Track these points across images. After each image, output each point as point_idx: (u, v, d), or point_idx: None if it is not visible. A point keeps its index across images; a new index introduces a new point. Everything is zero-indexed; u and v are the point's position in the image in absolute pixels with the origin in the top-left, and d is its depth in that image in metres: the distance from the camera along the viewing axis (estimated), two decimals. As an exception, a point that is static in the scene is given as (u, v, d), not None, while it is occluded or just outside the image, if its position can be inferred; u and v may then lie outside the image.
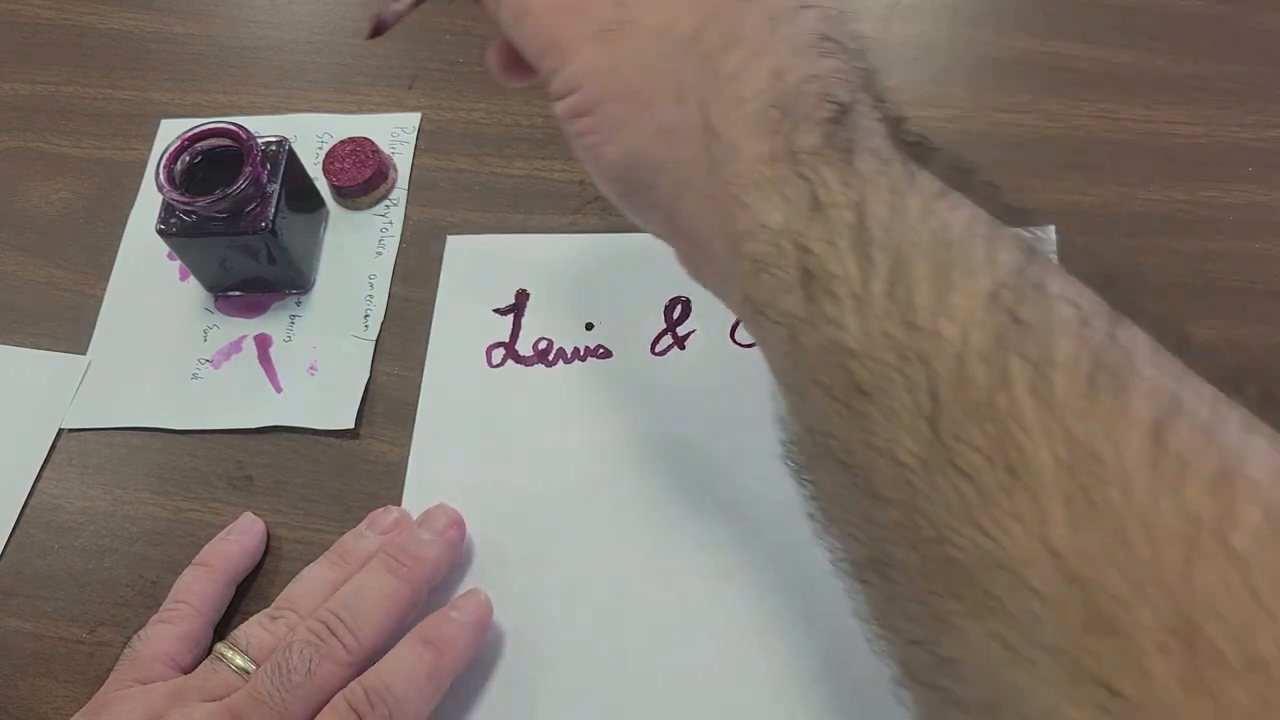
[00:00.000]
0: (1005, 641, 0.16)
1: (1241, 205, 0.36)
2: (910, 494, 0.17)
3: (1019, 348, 0.16)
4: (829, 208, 0.19)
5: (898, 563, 0.18)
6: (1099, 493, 0.15)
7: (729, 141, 0.20)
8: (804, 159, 0.19)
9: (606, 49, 0.22)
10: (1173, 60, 0.39)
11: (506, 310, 0.36)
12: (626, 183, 0.23)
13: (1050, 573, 0.15)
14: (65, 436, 0.36)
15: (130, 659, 0.29)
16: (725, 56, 0.21)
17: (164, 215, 0.35)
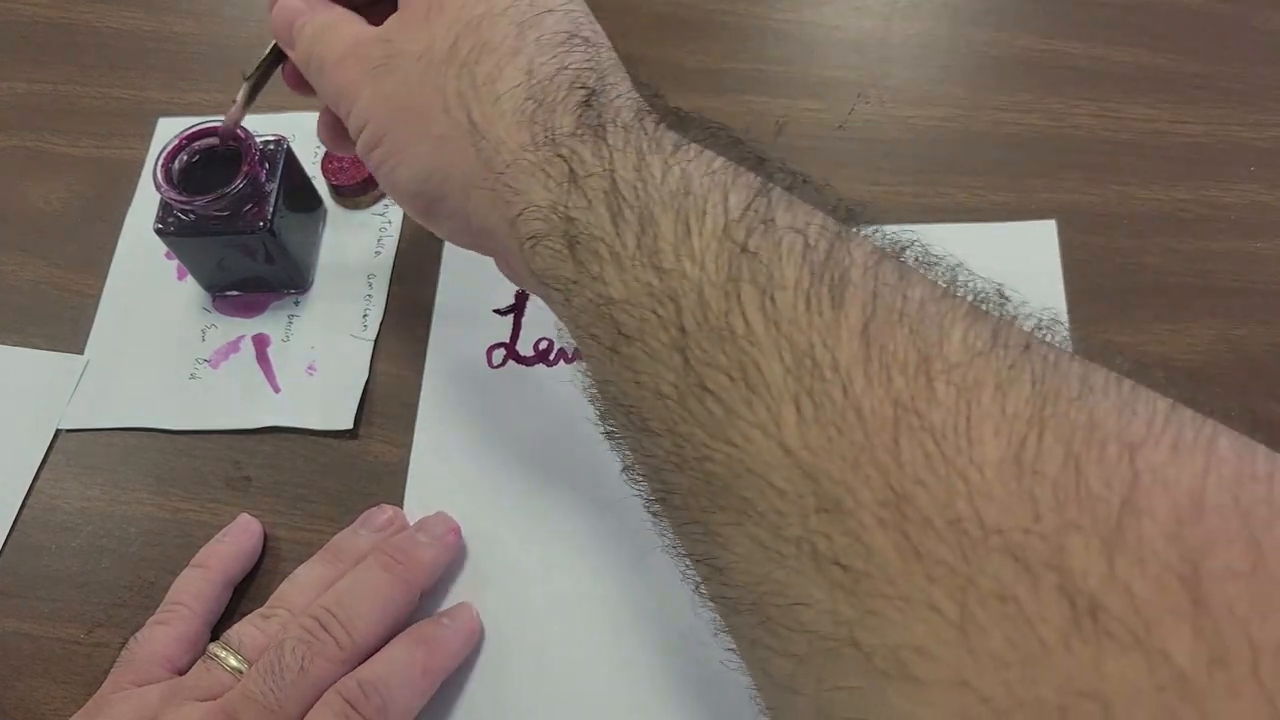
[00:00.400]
0: (759, 540, 0.17)
1: (1243, 205, 0.36)
2: (674, 421, 0.19)
3: (749, 275, 0.18)
4: (584, 178, 0.21)
5: (673, 488, 0.19)
6: (821, 393, 0.17)
7: (494, 137, 0.23)
8: (561, 140, 0.22)
9: (381, 83, 0.25)
10: (1174, 59, 0.38)
11: (507, 310, 0.36)
12: (423, 196, 0.25)
13: (787, 470, 0.17)
14: (63, 437, 0.36)
15: (127, 661, 0.29)
16: (481, 64, 0.23)
17: (162, 214, 0.34)
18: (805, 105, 0.39)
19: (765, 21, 0.41)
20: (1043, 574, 0.14)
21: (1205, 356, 0.33)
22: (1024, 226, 0.36)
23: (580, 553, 0.31)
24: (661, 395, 0.19)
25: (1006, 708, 0.14)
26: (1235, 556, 0.14)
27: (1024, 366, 0.16)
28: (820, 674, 0.16)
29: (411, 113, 0.25)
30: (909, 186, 0.37)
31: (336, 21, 0.28)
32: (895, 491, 0.16)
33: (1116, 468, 0.15)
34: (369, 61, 0.26)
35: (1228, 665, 0.13)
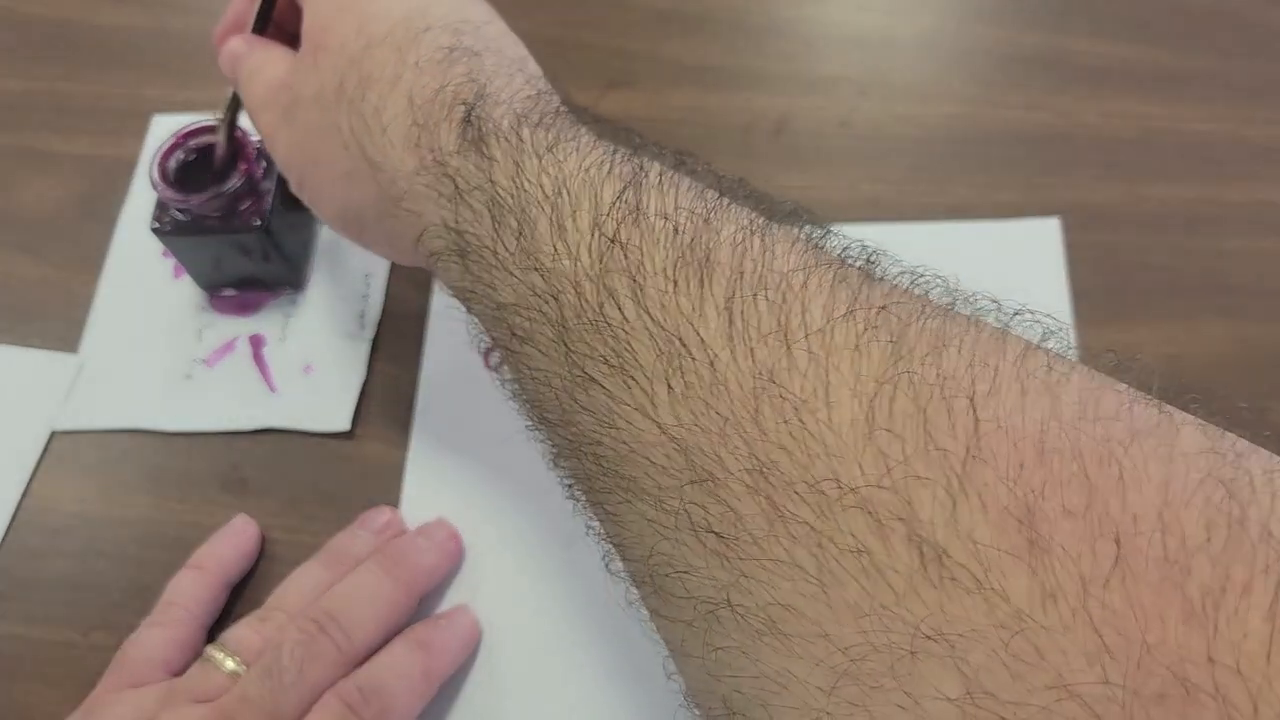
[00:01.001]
0: (646, 516, 0.18)
1: (1251, 203, 0.35)
2: (566, 412, 0.20)
3: (620, 265, 0.19)
4: (468, 192, 0.22)
5: (575, 473, 0.20)
6: (690, 371, 0.18)
7: (389, 168, 0.24)
8: (446, 159, 0.23)
9: (288, 128, 0.27)
10: (1183, 56, 0.38)
11: None
12: (350, 228, 0.27)
13: (664, 447, 0.18)
14: (57, 438, 0.35)
15: (121, 663, 0.29)
16: (366, 99, 0.24)
17: (157, 213, 0.34)
18: (807, 102, 0.39)
19: (767, 18, 0.41)
20: (893, 526, 0.15)
21: (1215, 356, 0.33)
22: (1027, 224, 0.35)
23: (578, 554, 0.31)
24: (554, 388, 0.20)
25: (862, 654, 0.15)
26: (1069, 497, 0.14)
27: (881, 326, 0.17)
28: (705, 637, 0.17)
29: (317, 155, 0.26)
30: (912, 184, 0.37)
31: (264, 64, 0.29)
32: (760, 459, 0.16)
33: (962, 419, 0.15)
34: (279, 108, 0.28)
35: (1059, 600, 0.14)
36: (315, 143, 0.26)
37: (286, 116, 0.27)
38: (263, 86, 0.29)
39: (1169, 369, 0.33)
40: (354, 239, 0.28)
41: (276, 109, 0.28)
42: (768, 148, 0.38)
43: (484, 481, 0.33)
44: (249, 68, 0.30)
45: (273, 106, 0.28)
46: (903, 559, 0.15)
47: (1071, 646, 0.13)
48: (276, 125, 0.28)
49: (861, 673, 0.15)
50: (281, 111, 0.27)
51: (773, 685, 0.16)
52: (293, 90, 0.27)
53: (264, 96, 0.28)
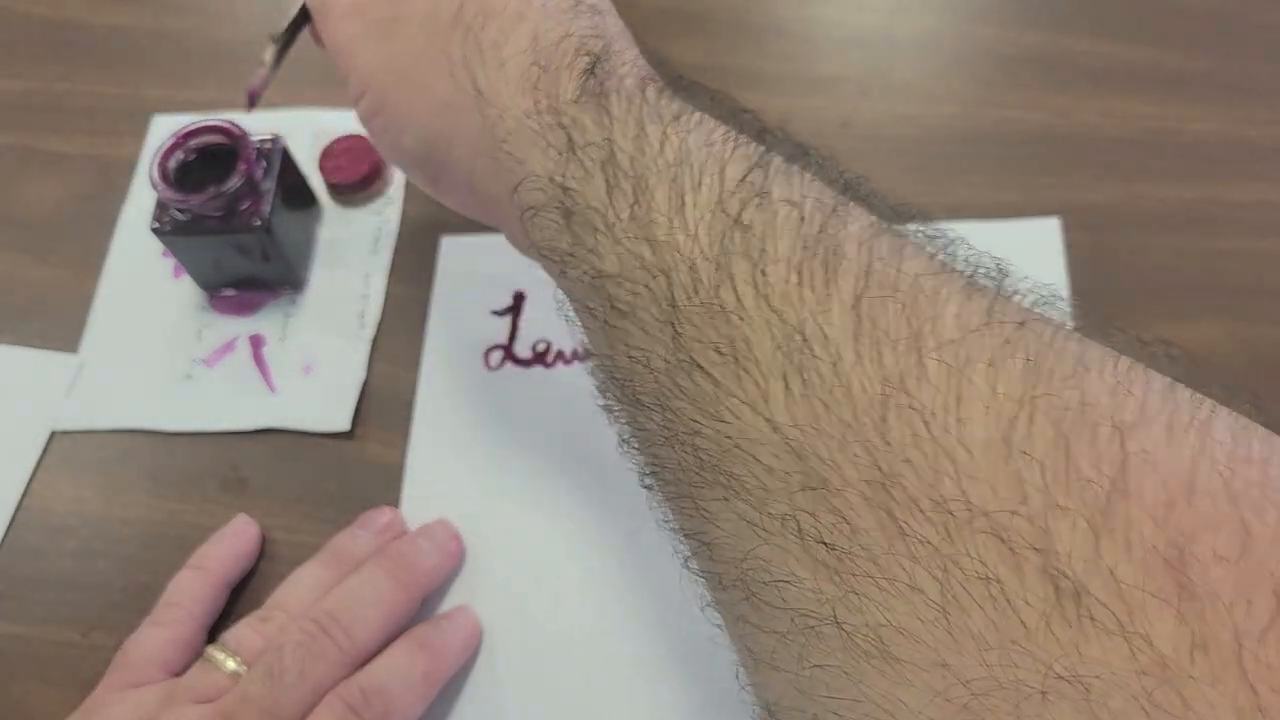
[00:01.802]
0: (745, 517, 0.17)
1: (1251, 203, 0.35)
2: (664, 396, 0.18)
3: (742, 248, 0.18)
4: (583, 148, 0.20)
5: (664, 462, 0.19)
6: (810, 369, 0.17)
7: (498, 104, 0.22)
8: (563, 108, 0.21)
9: (382, 45, 0.25)
10: (1182, 56, 0.38)
11: (504, 312, 0.36)
12: (429, 163, 0.25)
13: (775, 447, 0.17)
14: (57, 438, 0.35)
15: (121, 663, 0.29)
16: (486, 28, 0.23)
17: (157, 213, 0.34)
18: (808, 102, 0.39)
19: (768, 17, 0.41)
20: (1027, 556, 0.14)
21: (1214, 356, 0.33)
22: (1027, 224, 0.35)
23: (578, 555, 0.31)
24: (653, 370, 0.19)
25: (985, 689, 0.14)
26: (1223, 541, 0.14)
27: (1018, 343, 0.16)
28: (801, 652, 0.16)
29: (415, 78, 0.24)
30: (913, 185, 0.37)
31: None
32: (882, 470, 0.16)
33: (1107, 449, 0.15)
34: (373, 19, 0.25)
35: (1210, 651, 0.13)
36: (415, 64, 0.24)
37: (382, 31, 0.25)
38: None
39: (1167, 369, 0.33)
40: (426, 177, 0.26)
41: (368, 21, 0.25)
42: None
43: (484, 482, 0.33)
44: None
45: (361, 16, 0.25)
46: (1036, 592, 0.14)
47: (1221, 701, 0.13)
48: (363, 38, 0.25)
49: (983, 709, 0.14)
50: (376, 25, 0.25)
51: (877, 711, 0.15)
52: (398, 6, 0.24)
53: (352, 3, 0.26)
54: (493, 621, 0.30)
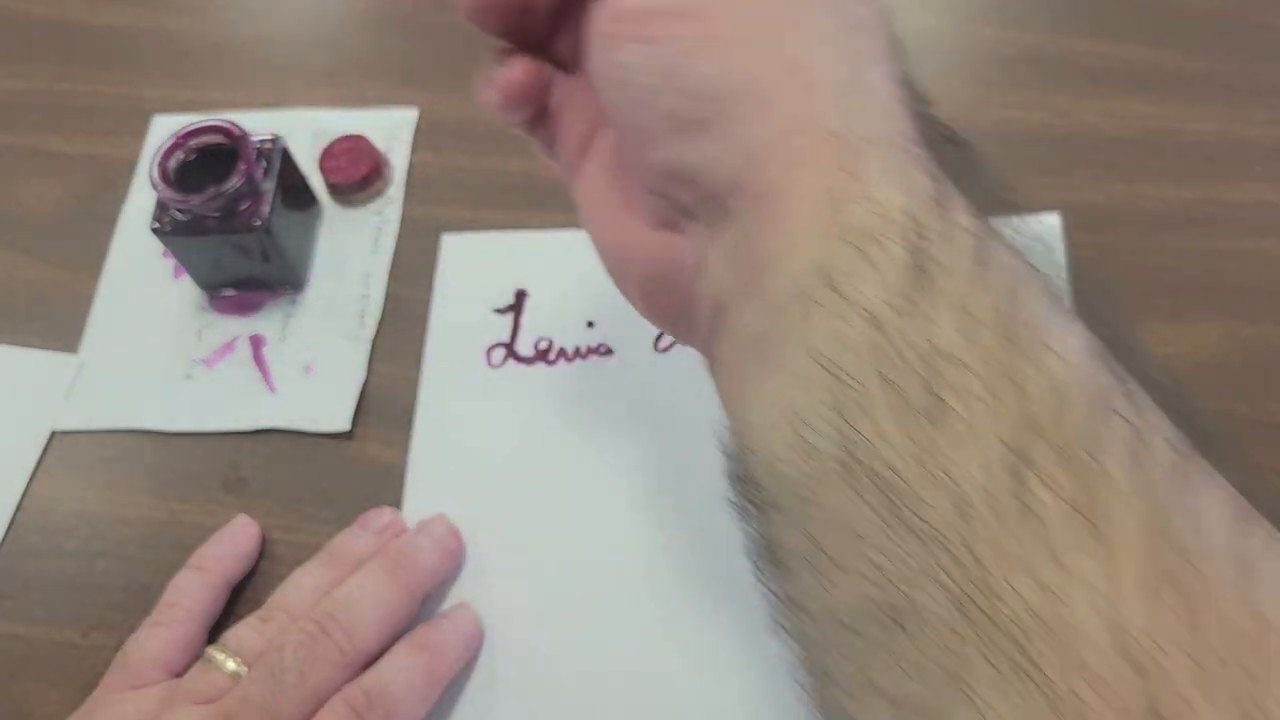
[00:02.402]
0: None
1: (1251, 203, 0.35)
2: (963, 528, 0.15)
3: (1123, 407, 0.15)
4: (952, 210, 0.17)
5: (918, 610, 0.15)
6: (1181, 573, 0.14)
7: (879, 97, 0.18)
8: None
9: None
10: (1182, 57, 0.38)
11: (506, 310, 0.36)
12: (713, 106, 0.18)
13: (1109, 650, 0.13)
14: (57, 438, 0.35)
15: (122, 664, 0.29)
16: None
17: (157, 213, 0.34)
18: (807, 102, 0.39)
19: (767, 17, 0.41)
20: None
21: (1213, 356, 0.33)
22: (1027, 221, 0.35)
23: (581, 555, 0.31)
24: (959, 490, 0.15)
25: None
26: None
27: None
28: None
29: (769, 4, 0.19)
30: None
31: None
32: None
33: None
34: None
35: None
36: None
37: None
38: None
39: (1165, 368, 0.33)
40: (686, 125, 0.19)
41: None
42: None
43: (486, 479, 0.33)
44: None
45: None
46: None
47: None
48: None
49: None
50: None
51: None
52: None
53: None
54: (494, 622, 0.30)
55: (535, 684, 0.30)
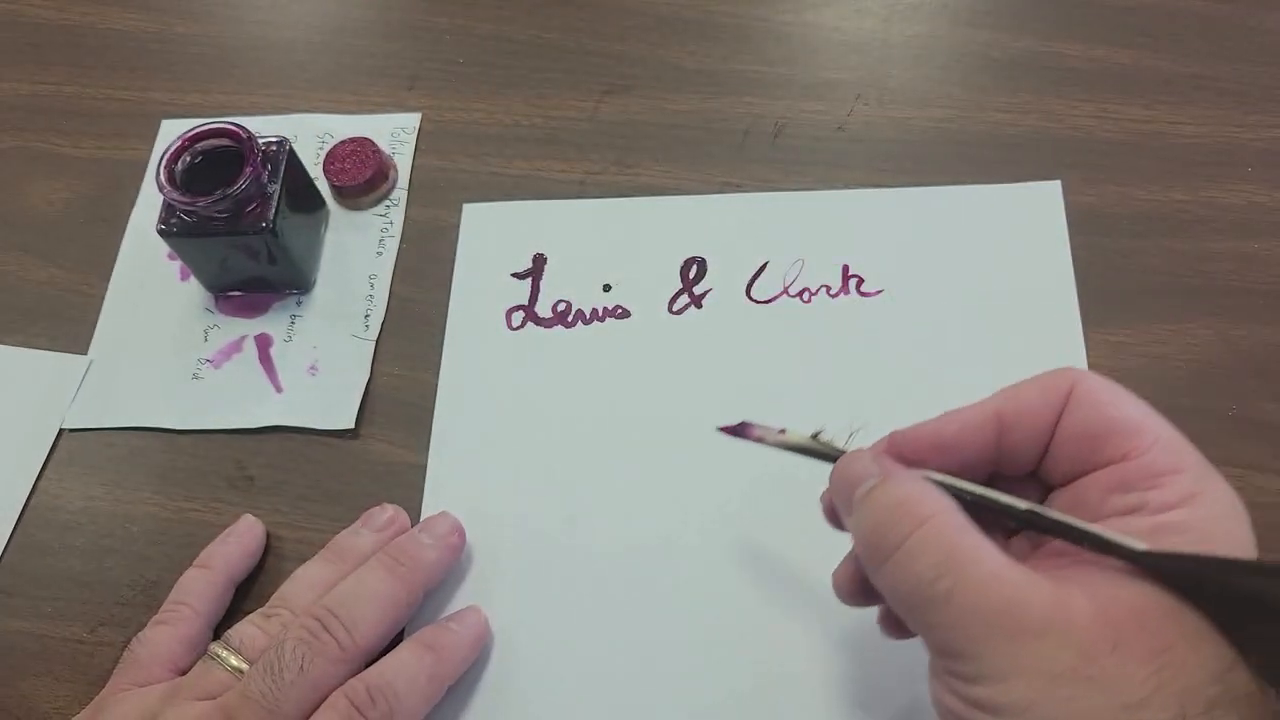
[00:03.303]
0: None
1: (1241, 205, 0.36)
2: None
3: None
4: None
5: None
6: None
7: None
8: None
9: (1059, 699, 0.19)
10: (1173, 60, 0.39)
11: (524, 274, 0.36)
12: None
13: None
14: (66, 437, 0.36)
15: (130, 662, 0.29)
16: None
17: (164, 215, 0.35)
18: (805, 106, 0.39)
19: (766, 23, 0.41)
20: None
21: (1204, 357, 0.33)
22: (1029, 188, 0.36)
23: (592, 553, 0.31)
24: None
25: None
26: None
27: None
28: None
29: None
30: (907, 188, 0.37)
31: (968, 527, 0.21)
32: None
33: None
34: (1041, 652, 0.19)
35: None
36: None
37: (1051, 683, 0.19)
38: (986, 587, 0.20)
39: (1157, 369, 0.33)
40: None
41: (1026, 652, 0.19)
42: (766, 152, 0.38)
43: (503, 483, 0.33)
44: (952, 526, 0.21)
45: (1014, 638, 0.20)
46: None
47: None
48: (1013, 669, 0.19)
49: None
50: (1046, 667, 0.19)
51: None
52: (1088, 665, 0.19)
53: (987, 610, 0.20)
54: (503, 623, 0.30)
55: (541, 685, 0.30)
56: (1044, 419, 0.23)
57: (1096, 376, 0.23)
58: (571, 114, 0.40)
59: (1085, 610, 0.20)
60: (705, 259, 0.36)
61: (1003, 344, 0.33)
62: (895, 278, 0.35)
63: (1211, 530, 0.20)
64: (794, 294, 0.35)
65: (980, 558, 0.21)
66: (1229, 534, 0.21)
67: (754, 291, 0.35)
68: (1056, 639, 0.19)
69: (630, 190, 0.38)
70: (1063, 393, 0.23)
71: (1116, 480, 0.22)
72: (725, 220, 0.37)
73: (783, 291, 0.35)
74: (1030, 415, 0.23)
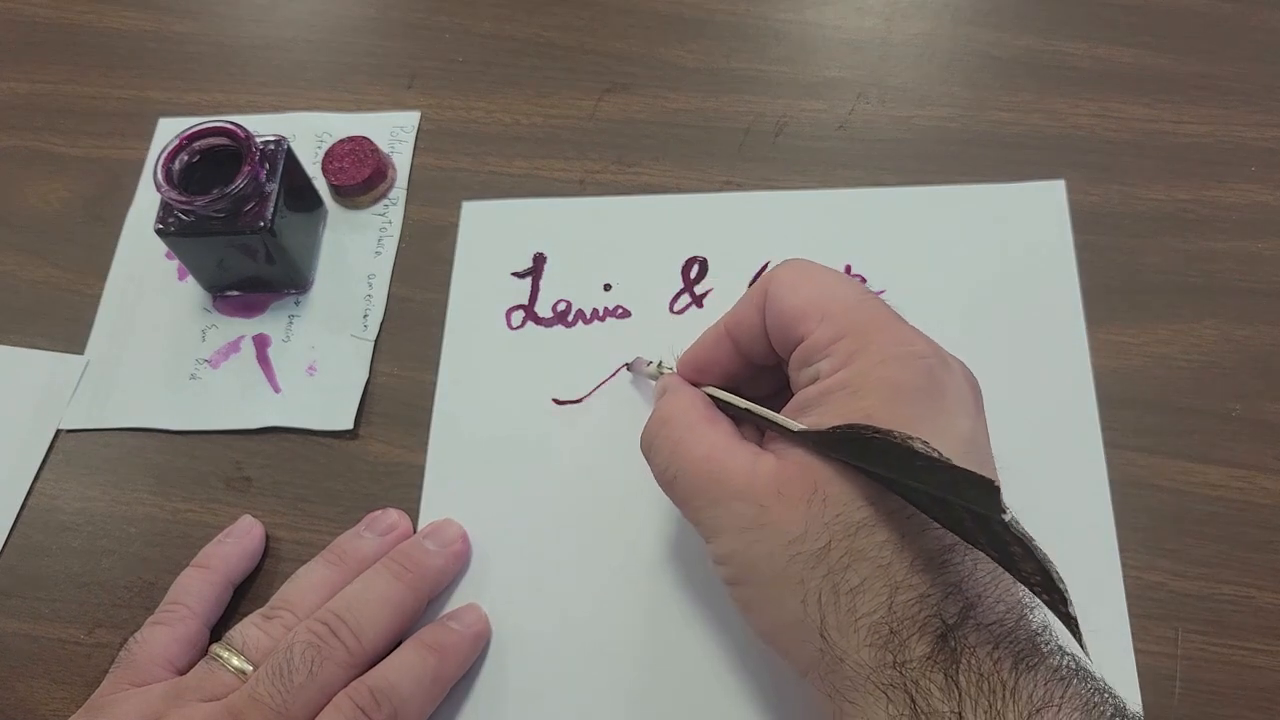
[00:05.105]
0: None
1: (1245, 205, 0.35)
2: None
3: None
4: (926, 715, 0.20)
5: None
6: None
7: (841, 649, 0.22)
8: (909, 670, 0.21)
9: (747, 544, 0.24)
10: (1176, 59, 0.38)
11: (524, 274, 0.36)
12: (764, 639, 0.25)
13: None
14: (63, 437, 0.36)
15: (126, 661, 0.29)
16: (847, 574, 0.22)
17: (162, 215, 0.34)
18: (806, 105, 0.39)
19: (766, 21, 0.41)
20: None
21: (1208, 357, 0.33)
22: (1033, 187, 0.36)
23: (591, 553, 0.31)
24: None
25: None
26: None
27: None
28: None
29: (769, 589, 0.24)
30: (909, 187, 0.37)
31: (694, 423, 0.26)
32: None
33: None
34: (739, 517, 0.24)
35: None
36: (772, 577, 0.23)
37: (745, 533, 0.24)
38: (702, 458, 0.25)
39: (1161, 369, 0.33)
40: (761, 638, 0.25)
41: (735, 516, 0.24)
42: (766, 150, 0.38)
43: (502, 483, 0.33)
44: (681, 424, 0.26)
45: (728, 511, 0.24)
46: None
47: None
48: (728, 529, 0.24)
49: None
50: (741, 524, 0.24)
51: None
52: (765, 513, 0.24)
53: (707, 473, 0.25)
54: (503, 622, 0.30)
55: (543, 684, 0.30)
56: (755, 322, 0.27)
57: (783, 271, 0.27)
58: (571, 113, 0.40)
59: (767, 472, 0.24)
60: (706, 259, 0.36)
61: (1006, 344, 0.33)
62: (898, 278, 0.35)
63: (862, 384, 0.24)
64: (795, 294, 0.35)
65: (696, 445, 0.26)
66: (882, 380, 0.24)
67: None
68: (744, 498, 0.24)
69: (630, 189, 0.38)
70: (763, 295, 0.27)
71: (802, 357, 0.26)
72: (726, 219, 0.37)
73: (784, 291, 0.35)
74: (746, 322, 0.27)
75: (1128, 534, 0.30)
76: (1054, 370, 0.33)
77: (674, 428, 0.27)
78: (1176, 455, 0.31)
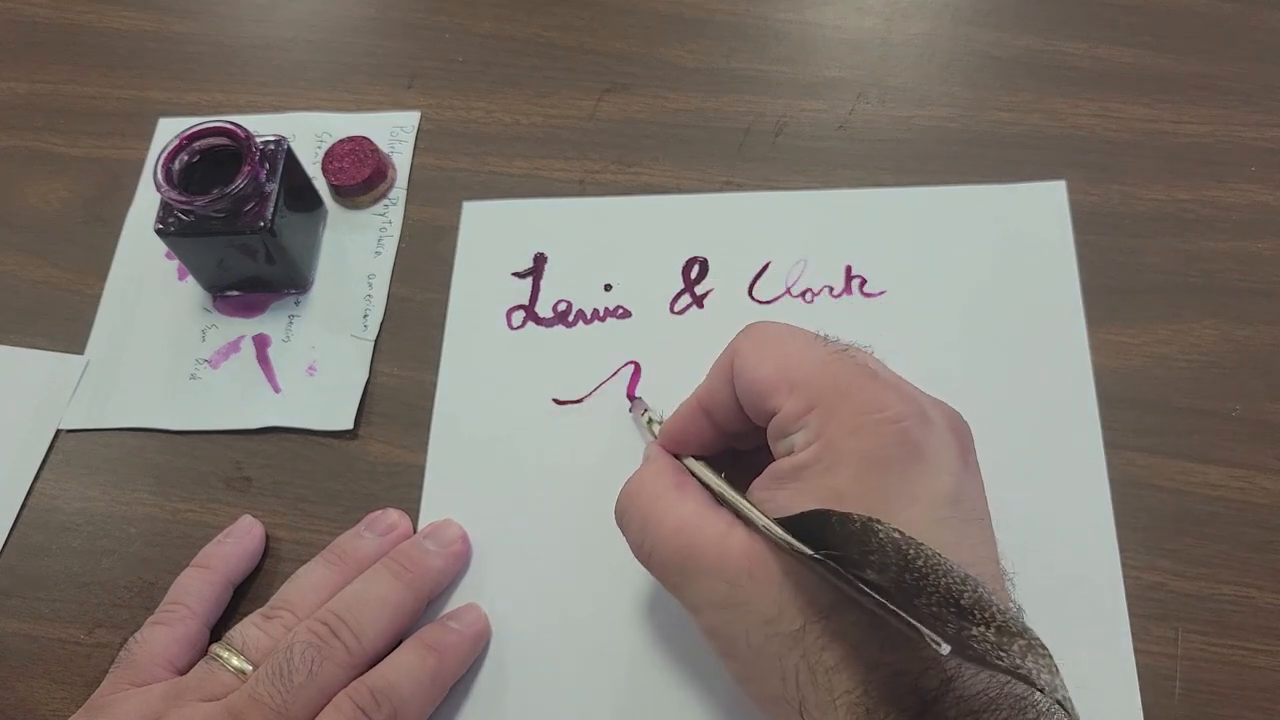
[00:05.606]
0: None
1: (1245, 205, 0.36)
2: None
3: None
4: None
5: None
6: None
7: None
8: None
9: (725, 621, 0.24)
10: (1176, 59, 0.38)
11: (525, 274, 0.36)
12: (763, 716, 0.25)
13: None
14: (63, 437, 0.36)
15: (126, 661, 0.29)
16: (823, 655, 0.22)
17: (162, 215, 0.34)
18: (806, 105, 0.39)
19: (766, 21, 0.41)
20: None
21: (1208, 357, 0.33)
22: (1034, 188, 0.36)
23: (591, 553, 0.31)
24: None
25: None
26: None
27: None
28: None
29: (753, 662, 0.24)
30: (910, 187, 0.37)
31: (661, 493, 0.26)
32: None
33: None
34: (711, 592, 0.24)
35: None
36: (750, 654, 0.23)
37: (719, 610, 0.24)
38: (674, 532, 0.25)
39: (1161, 369, 0.33)
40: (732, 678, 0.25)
41: (706, 591, 0.24)
42: (767, 150, 0.38)
43: (502, 483, 0.33)
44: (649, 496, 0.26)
45: (699, 588, 0.24)
46: None
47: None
48: (704, 605, 0.24)
49: None
50: (716, 599, 0.24)
51: None
52: (737, 592, 0.23)
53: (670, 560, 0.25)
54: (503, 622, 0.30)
55: (543, 683, 0.30)
56: (727, 394, 0.26)
57: (744, 342, 0.26)
58: (571, 113, 0.40)
59: (738, 548, 0.24)
60: (707, 259, 0.36)
61: (1007, 344, 0.33)
62: (899, 278, 0.35)
63: (834, 460, 0.23)
64: (796, 294, 0.35)
65: (665, 517, 0.25)
66: (853, 452, 0.23)
67: (756, 292, 0.35)
68: (714, 574, 0.24)
69: (630, 189, 0.38)
70: (729, 368, 0.26)
71: (777, 430, 0.25)
72: (727, 220, 0.37)
73: (785, 292, 0.35)
74: (718, 395, 0.27)
75: (1128, 534, 0.30)
76: (1054, 370, 0.33)
77: (642, 500, 0.26)
78: (1176, 455, 0.31)
